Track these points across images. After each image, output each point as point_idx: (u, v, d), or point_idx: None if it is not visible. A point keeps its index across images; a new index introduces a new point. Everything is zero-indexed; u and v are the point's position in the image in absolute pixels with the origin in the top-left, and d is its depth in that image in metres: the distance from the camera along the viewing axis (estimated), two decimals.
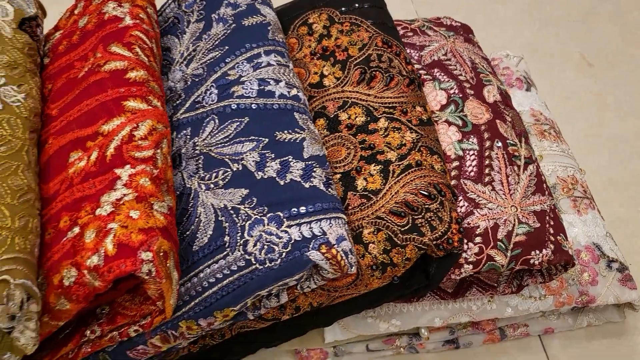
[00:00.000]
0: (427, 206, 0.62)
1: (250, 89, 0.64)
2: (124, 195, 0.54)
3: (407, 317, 0.73)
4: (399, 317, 0.73)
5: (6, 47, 0.63)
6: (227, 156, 0.61)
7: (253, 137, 0.61)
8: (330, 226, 0.57)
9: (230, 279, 0.57)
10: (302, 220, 0.57)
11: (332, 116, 0.69)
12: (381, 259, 0.61)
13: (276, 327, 0.68)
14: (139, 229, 0.53)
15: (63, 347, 0.61)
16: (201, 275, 0.59)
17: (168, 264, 0.54)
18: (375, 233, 0.61)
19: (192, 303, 0.59)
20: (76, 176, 0.57)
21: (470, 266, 0.67)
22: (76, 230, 0.55)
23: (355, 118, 0.68)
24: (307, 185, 0.59)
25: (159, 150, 0.58)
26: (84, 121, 0.60)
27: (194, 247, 0.60)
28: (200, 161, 0.62)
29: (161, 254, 0.53)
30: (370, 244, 0.61)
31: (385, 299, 0.66)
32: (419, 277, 0.64)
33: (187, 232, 0.60)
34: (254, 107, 0.63)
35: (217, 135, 0.62)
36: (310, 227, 0.57)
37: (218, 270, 0.58)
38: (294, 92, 0.65)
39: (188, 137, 0.64)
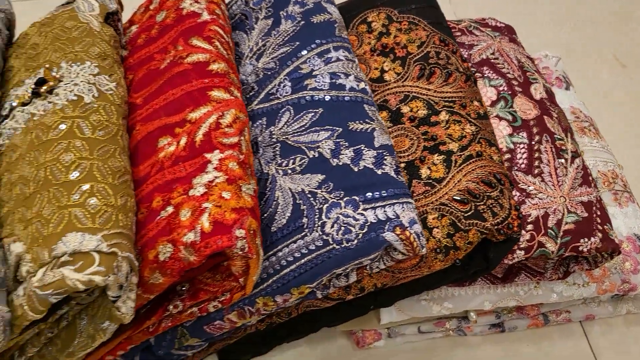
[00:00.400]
0: (488, 194, 0.66)
1: (323, 82, 0.68)
2: (216, 177, 0.59)
3: (458, 300, 0.77)
4: (451, 300, 0.77)
5: (96, 39, 0.67)
6: (304, 144, 0.65)
7: (328, 127, 0.65)
8: (403, 210, 0.61)
9: (308, 257, 0.62)
10: (377, 204, 0.61)
11: (394, 109, 0.73)
12: (444, 242, 0.65)
13: (339, 307, 0.72)
14: (232, 208, 0.57)
15: (146, 320, 0.66)
16: (279, 254, 0.63)
17: (257, 242, 0.58)
18: (440, 218, 0.66)
19: (270, 280, 0.64)
20: (166, 160, 0.62)
21: (522, 252, 0.71)
22: (170, 209, 0.59)
23: (417, 111, 0.72)
24: (379, 172, 0.63)
25: (242, 138, 0.63)
26: (170, 109, 0.64)
27: (272, 228, 0.64)
28: (277, 148, 0.66)
29: (251, 231, 0.57)
30: (435, 229, 0.65)
31: (445, 281, 0.70)
32: (478, 260, 0.69)
33: (265, 214, 0.65)
34: (327, 99, 0.67)
35: (293, 125, 0.66)
36: (384, 211, 0.61)
37: (296, 250, 0.62)
38: (362, 85, 0.69)
39: (264, 126, 0.68)
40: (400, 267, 0.67)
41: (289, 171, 0.65)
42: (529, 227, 0.71)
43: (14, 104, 0.64)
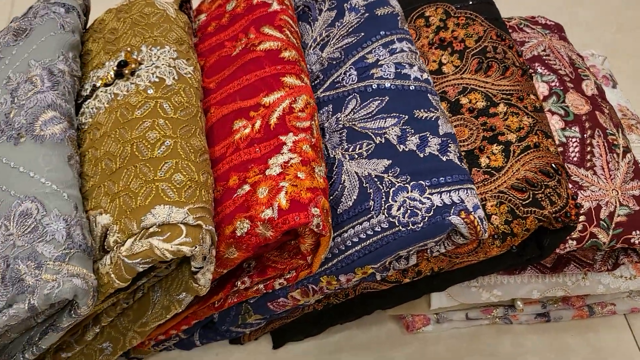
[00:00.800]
0: (546, 183, 0.68)
1: (388, 71, 0.70)
2: (291, 158, 0.61)
3: (507, 288, 0.79)
4: (500, 287, 0.79)
5: (172, 25, 0.70)
6: (370, 130, 0.68)
7: (394, 114, 0.68)
8: (467, 195, 0.64)
9: (374, 238, 0.64)
10: (442, 189, 0.64)
11: (453, 100, 0.75)
12: (502, 229, 0.67)
13: (394, 290, 0.75)
14: (307, 187, 0.60)
15: (213, 296, 0.69)
16: (345, 235, 0.66)
17: (329, 220, 0.61)
18: (498, 206, 0.68)
19: (335, 260, 0.66)
20: (242, 141, 0.65)
21: (575, 242, 0.73)
22: (246, 187, 0.62)
23: (475, 102, 0.74)
24: (444, 158, 0.66)
25: (313, 122, 0.66)
26: (245, 94, 0.67)
27: (338, 210, 0.66)
28: (343, 134, 0.69)
29: (325, 210, 0.60)
30: (493, 215, 0.68)
31: (499, 267, 0.72)
32: (532, 248, 0.71)
33: (331, 197, 0.67)
34: (393, 88, 0.69)
35: (360, 112, 0.69)
36: (450, 195, 0.63)
37: (362, 231, 0.65)
38: (425, 75, 0.72)
39: (330, 112, 0.71)
40: (458, 252, 0.69)
41: (356, 156, 0.67)
42: (582, 218, 0.73)
43: (97, 85, 0.67)
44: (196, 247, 0.55)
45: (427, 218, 0.62)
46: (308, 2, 0.81)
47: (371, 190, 0.65)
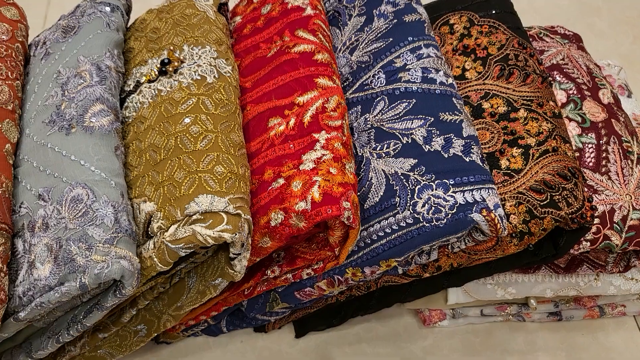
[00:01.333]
0: (563, 185, 0.72)
1: (415, 75, 0.74)
2: (323, 155, 0.65)
3: (522, 286, 0.83)
4: (515, 285, 0.83)
5: (212, 26, 0.74)
6: (398, 130, 0.71)
7: (421, 116, 0.71)
8: (488, 194, 0.67)
9: (399, 233, 0.68)
10: (465, 188, 0.67)
11: (475, 104, 0.79)
12: (520, 228, 0.71)
13: (415, 284, 0.79)
14: (338, 182, 0.63)
15: (244, 283, 0.72)
16: (371, 229, 0.69)
17: (358, 214, 0.64)
18: (517, 206, 0.71)
19: (361, 253, 0.70)
20: (277, 138, 0.68)
21: (588, 243, 0.77)
22: (281, 181, 0.66)
23: (497, 107, 0.78)
24: (467, 159, 0.69)
25: (344, 121, 0.69)
26: (280, 93, 0.71)
27: (365, 205, 0.70)
28: (372, 134, 0.72)
29: (355, 204, 0.64)
30: (512, 215, 0.71)
31: (516, 265, 0.76)
32: (548, 247, 0.74)
33: (359, 193, 0.71)
34: (419, 91, 0.73)
35: (387, 113, 0.73)
36: (472, 194, 0.67)
37: (387, 226, 0.68)
38: (450, 80, 0.75)
39: (359, 113, 0.75)
40: (477, 249, 0.72)
41: (383, 154, 0.71)
42: (596, 220, 0.76)
43: (141, 81, 0.71)
44: (236, 234, 0.58)
45: (450, 215, 0.66)
46: (338, 8, 0.85)
47: (397, 187, 0.69)
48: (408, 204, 0.68)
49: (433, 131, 0.70)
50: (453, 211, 0.66)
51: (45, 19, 1.19)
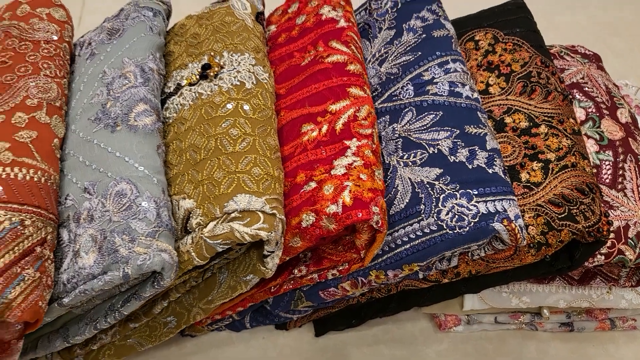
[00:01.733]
0: (581, 200, 0.75)
1: (443, 89, 0.77)
2: (354, 161, 0.68)
3: (536, 296, 0.86)
4: (529, 295, 0.86)
5: (251, 34, 0.78)
6: (425, 141, 0.74)
7: (447, 128, 0.74)
8: (510, 205, 0.70)
9: (422, 239, 0.71)
10: (488, 198, 0.70)
11: (498, 119, 0.82)
12: (538, 239, 0.74)
13: (433, 289, 0.82)
14: (368, 188, 0.67)
15: (272, 281, 0.76)
16: (395, 234, 0.72)
17: (386, 218, 0.67)
18: (535, 217, 0.74)
19: (385, 256, 0.73)
20: (309, 143, 0.72)
21: (603, 257, 0.79)
22: (312, 184, 0.69)
23: (519, 122, 0.81)
24: (490, 171, 0.72)
25: (374, 130, 0.73)
26: (313, 100, 0.75)
27: (391, 211, 0.73)
28: (399, 143, 0.76)
29: (383, 209, 0.67)
30: (530, 226, 0.74)
31: (531, 275, 0.79)
32: (564, 258, 0.77)
33: (385, 199, 0.74)
34: (446, 104, 0.76)
35: (415, 123, 0.76)
36: (494, 204, 0.70)
37: (412, 232, 0.71)
38: (475, 95, 0.78)
39: (387, 122, 0.78)
40: (496, 257, 0.75)
41: (410, 163, 0.74)
42: (611, 235, 0.79)
43: (182, 84, 0.74)
44: (272, 233, 0.62)
45: (472, 223, 0.69)
46: (369, 20, 0.89)
47: (423, 195, 0.72)
48: (432, 212, 0.71)
49: (458, 143, 0.74)
50: (476, 220, 0.69)
51: (80, 20, 1.24)
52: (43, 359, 0.77)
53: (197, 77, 0.73)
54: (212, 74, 0.73)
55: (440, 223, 0.70)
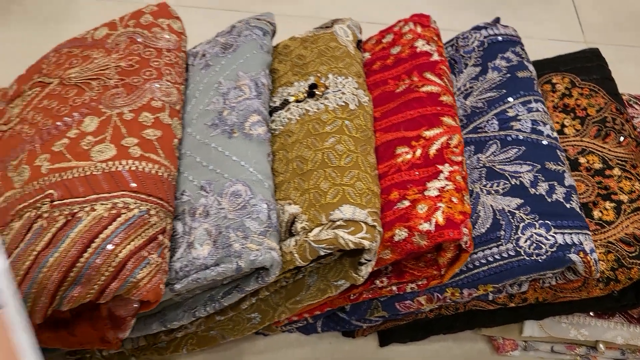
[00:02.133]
0: None
1: (526, 125, 0.83)
2: (446, 185, 0.74)
3: (594, 330, 0.90)
4: (588, 328, 0.90)
5: (353, 60, 0.85)
6: (508, 172, 0.80)
7: (529, 162, 0.80)
8: (585, 239, 0.75)
9: (500, 263, 0.76)
10: (565, 231, 0.75)
11: (572, 158, 0.87)
12: (607, 274, 0.79)
13: (499, 311, 0.86)
14: (459, 211, 0.72)
15: (353, 289, 0.81)
16: (474, 256, 0.78)
17: (472, 240, 0.73)
18: (606, 254, 0.79)
19: (462, 275, 0.78)
20: (403, 165, 0.78)
21: None
22: (406, 203, 0.75)
23: (592, 163, 0.86)
24: (568, 205, 0.78)
25: (463, 158, 0.78)
26: (408, 125, 0.81)
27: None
28: (483, 172, 0.81)
29: (470, 231, 0.72)
30: (600, 262, 0.79)
31: (595, 308, 0.83)
32: (630, 296, 0.82)
33: None
34: (529, 140, 0.82)
35: (499, 155, 0.82)
36: (571, 237, 0.75)
37: (490, 255, 0.77)
38: (555, 134, 0.84)
39: (472, 152, 0.84)
40: (564, 287, 0.80)
41: (492, 192, 0.80)
42: None
43: (289, 100, 0.81)
44: (373, 243, 0.67)
45: (550, 252, 0.74)
46: (455, 56, 0.95)
47: (503, 222, 0.77)
48: (512, 238, 0.76)
49: (539, 177, 0.79)
50: (553, 249, 0.74)
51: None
52: (129, 341, 0.84)
53: (305, 94, 0.80)
54: (318, 93, 0.79)
55: (518, 249, 0.75)
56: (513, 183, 0.79)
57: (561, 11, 1.46)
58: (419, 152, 0.78)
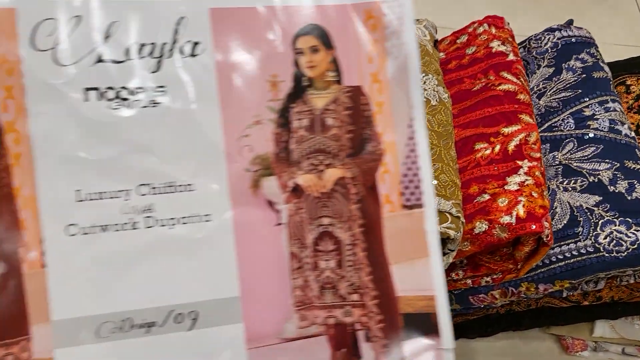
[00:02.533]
0: None
1: (603, 125, 0.84)
2: (526, 180, 0.76)
3: None
4: None
5: (431, 59, 0.87)
6: (585, 170, 0.81)
7: (607, 160, 0.81)
8: None
9: (578, 259, 0.77)
10: None
11: None
12: None
13: (570, 309, 0.87)
14: (539, 205, 0.74)
15: None
16: (551, 251, 0.79)
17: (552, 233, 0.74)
18: None
19: (538, 270, 0.79)
20: (482, 160, 0.80)
21: None
22: (486, 196, 0.76)
23: None
24: None
25: (541, 155, 0.80)
26: (486, 122, 0.83)
27: None
28: (559, 169, 0.83)
29: (550, 225, 0.73)
30: None
31: None
32: None
33: None
34: (607, 139, 0.83)
35: (576, 153, 0.83)
36: None
37: (567, 251, 0.78)
38: (632, 134, 0.85)
39: (547, 150, 0.85)
40: None
41: (570, 188, 0.81)
42: None
43: None
44: (458, 233, 0.69)
45: (631, 249, 0.75)
46: (527, 57, 0.96)
47: (581, 218, 0.78)
48: (590, 235, 0.77)
49: (618, 175, 0.80)
50: (634, 247, 0.75)
51: None
52: None
53: None
54: None
55: (597, 246, 0.76)
56: (591, 180, 0.80)
57: (626, 16, 1.45)
58: (497, 148, 0.80)
